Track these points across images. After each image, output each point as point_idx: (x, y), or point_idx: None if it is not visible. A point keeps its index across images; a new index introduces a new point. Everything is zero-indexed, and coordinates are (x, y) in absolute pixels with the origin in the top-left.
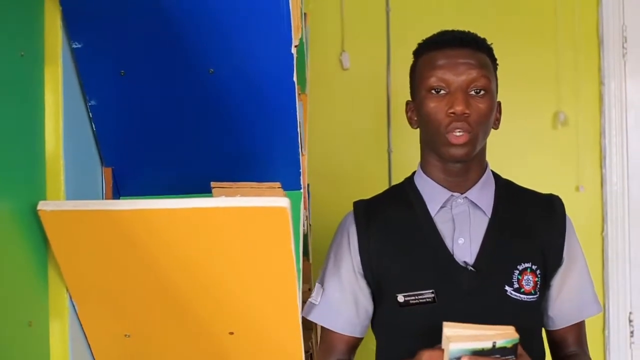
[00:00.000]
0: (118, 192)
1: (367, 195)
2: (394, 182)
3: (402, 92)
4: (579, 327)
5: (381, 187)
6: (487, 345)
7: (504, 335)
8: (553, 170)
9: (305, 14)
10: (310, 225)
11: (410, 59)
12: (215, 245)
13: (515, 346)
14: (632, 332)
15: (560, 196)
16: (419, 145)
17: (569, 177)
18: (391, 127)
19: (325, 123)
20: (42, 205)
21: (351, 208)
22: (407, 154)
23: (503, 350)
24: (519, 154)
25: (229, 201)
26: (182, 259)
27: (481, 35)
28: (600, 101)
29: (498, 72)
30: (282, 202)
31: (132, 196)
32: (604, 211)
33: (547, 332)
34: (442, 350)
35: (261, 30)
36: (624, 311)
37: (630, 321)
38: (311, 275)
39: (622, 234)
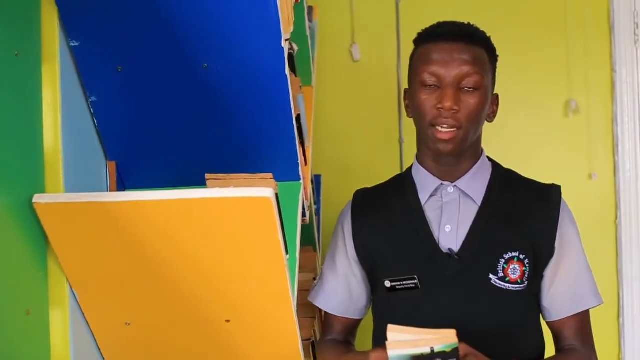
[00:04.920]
0: (123, 185)
1: None
2: None
3: None
4: (578, 320)
5: None
6: (425, 350)
7: (442, 340)
8: (565, 159)
9: (312, 7)
10: (317, 215)
11: None
12: (208, 235)
13: (455, 350)
14: None
15: (573, 184)
16: None
17: (581, 165)
18: (402, 117)
19: (337, 115)
20: (37, 198)
21: None
22: None
23: (443, 354)
24: (531, 142)
25: (214, 192)
26: (177, 248)
27: (492, 24)
28: (612, 88)
29: (508, 62)
30: (265, 192)
31: (137, 188)
32: (617, 199)
33: (547, 324)
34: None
35: (252, 26)
36: (638, 298)
37: None
38: (317, 265)
39: (635, 221)
